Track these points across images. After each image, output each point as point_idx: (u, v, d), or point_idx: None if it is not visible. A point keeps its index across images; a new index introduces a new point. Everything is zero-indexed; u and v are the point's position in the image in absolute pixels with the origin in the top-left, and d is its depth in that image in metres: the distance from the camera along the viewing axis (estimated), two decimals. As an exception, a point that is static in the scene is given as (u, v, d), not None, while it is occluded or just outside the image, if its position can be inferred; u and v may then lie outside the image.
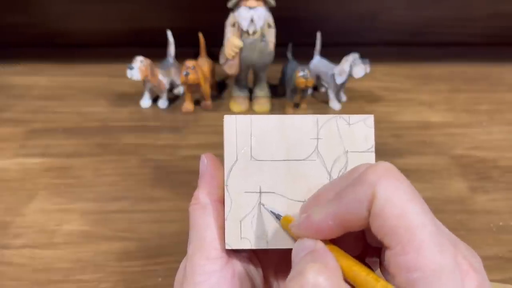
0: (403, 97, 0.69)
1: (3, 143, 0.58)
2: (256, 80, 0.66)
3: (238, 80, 0.65)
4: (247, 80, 0.66)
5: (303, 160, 0.27)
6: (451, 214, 0.49)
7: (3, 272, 0.42)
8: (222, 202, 0.27)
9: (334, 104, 0.66)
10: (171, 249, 0.45)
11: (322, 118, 0.27)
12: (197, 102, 0.66)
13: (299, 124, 0.27)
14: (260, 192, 0.27)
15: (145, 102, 0.65)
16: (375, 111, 0.66)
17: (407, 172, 0.55)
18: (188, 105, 0.64)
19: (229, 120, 0.27)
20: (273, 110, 0.65)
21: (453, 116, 0.65)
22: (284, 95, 0.67)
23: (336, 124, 0.28)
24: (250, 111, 0.65)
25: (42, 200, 0.50)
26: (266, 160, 0.27)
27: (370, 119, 0.28)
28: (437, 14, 0.81)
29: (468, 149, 0.59)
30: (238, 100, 0.65)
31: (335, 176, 0.28)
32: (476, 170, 0.55)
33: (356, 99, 0.69)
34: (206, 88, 0.64)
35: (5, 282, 0.41)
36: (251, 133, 0.27)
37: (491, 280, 0.44)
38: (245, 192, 0.27)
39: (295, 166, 0.27)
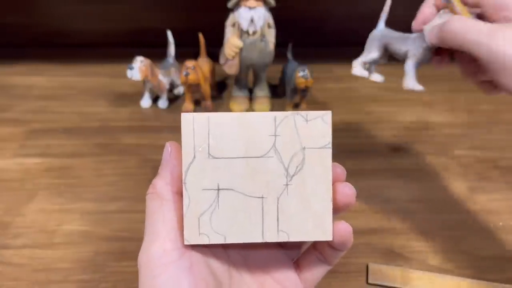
0: (403, 97, 0.69)
1: (3, 143, 0.58)
2: (256, 80, 0.66)
3: (238, 80, 0.65)
4: (247, 80, 0.66)
5: (261, 157, 0.28)
6: (451, 214, 0.49)
7: (3, 272, 0.42)
8: (180, 194, 0.27)
9: (412, 82, 0.45)
10: (171, 249, 0.45)
11: (279, 115, 0.28)
12: (197, 102, 0.66)
13: (257, 121, 0.27)
14: (218, 189, 0.27)
15: (145, 102, 0.66)
16: (375, 111, 0.66)
17: (407, 172, 0.55)
18: (188, 105, 0.64)
19: (186, 118, 0.27)
20: (273, 110, 0.65)
21: (453, 116, 0.65)
22: (284, 95, 0.67)
23: (293, 121, 0.28)
24: (250, 111, 0.65)
25: (42, 200, 0.50)
26: (224, 158, 0.27)
27: (327, 115, 0.28)
28: (437, 14, 0.81)
29: (468, 149, 0.59)
30: (238, 100, 0.65)
31: (292, 172, 0.28)
32: (476, 170, 0.55)
33: (356, 99, 0.69)
34: (206, 88, 0.64)
35: (5, 282, 0.41)
36: (208, 131, 0.27)
37: (491, 280, 0.44)
38: (203, 189, 0.27)
39: (253, 163, 0.28)
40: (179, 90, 0.68)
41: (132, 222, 0.47)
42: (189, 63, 0.61)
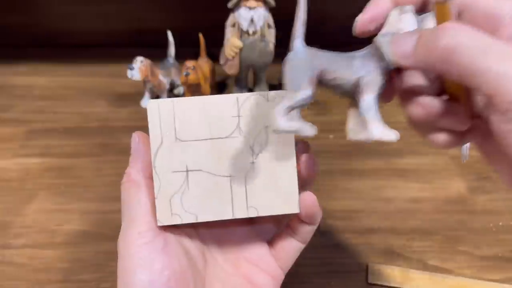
0: (403, 97, 0.69)
1: (3, 143, 0.58)
2: (256, 80, 0.66)
3: (238, 80, 0.65)
4: (247, 80, 0.66)
5: (226, 137, 0.29)
6: (451, 214, 0.49)
7: (3, 272, 0.42)
8: (152, 179, 0.29)
9: (379, 127, 0.27)
10: (171, 249, 0.45)
11: (241, 96, 0.29)
12: (197, 102, 0.66)
13: (220, 104, 0.29)
14: (187, 171, 0.28)
15: (146, 102, 0.65)
16: (375, 111, 0.66)
17: (407, 172, 0.55)
18: (188, 105, 0.64)
19: (152, 105, 0.28)
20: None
21: (453, 116, 0.65)
22: (284, 95, 0.67)
23: (255, 101, 0.29)
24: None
25: (42, 200, 0.50)
26: (190, 140, 0.28)
27: None
28: (437, 14, 0.81)
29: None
30: (238, 100, 0.65)
31: (257, 150, 0.29)
32: (476, 170, 0.55)
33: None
34: (206, 88, 0.64)
35: (5, 282, 0.41)
36: (174, 116, 0.28)
37: (491, 280, 0.44)
38: (173, 171, 0.28)
39: (219, 143, 0.29)
40: (179, 90, 0.68)
41: (132, 222, 0.47)
42: (189, 63, 0.61)
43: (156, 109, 0.28)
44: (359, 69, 0.26)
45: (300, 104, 0.25)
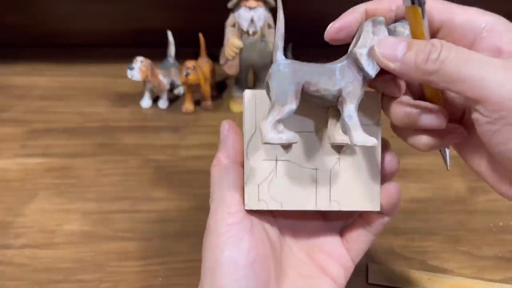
0: (403, 97, 0.69)
1: (3, 143, 0.58)
2: (256, 80, 0.66)
3: (238, 80, 0.65)
4: (247, 80, 0.66)
5: (316, 131, 0.29)
6: (451, 214, 0.49)
7: (3, 272, 0.42)
8: (241, 164, 0.30)
9: (362, 134, 0.27)
10: (172, 249, 0.45)
11: None
12: (197, 102, 0.66)
13: None
14: (276, 160, 0.29)
15: (146, 102, 0.66)
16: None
17: (407, 172, 0.55)
18: (188, 105, 0.64)
19: (248, 95, 0.29)
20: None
21: (453, 116, 0.65)
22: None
23: None
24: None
25: (42, 200, 0.50)
26: None
27: (378, 95, 0.29)
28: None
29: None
30: (238, 100, 0.65)
31: (344, 147, 0.30)
32: (476, 170, 0.55)
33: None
34: (206, 88, 0.64)
35: (5, 282, 0.41)
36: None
37: (491, 280, 0.44)
38: (263, 160, 0.29)
39: (309, 137, 0.29)
40: (179, 90, 0.68)
41: (132, 222, 0.47)
42: (189, 63, 0.61)
43: (253, 99, 0.29)
44: (339, 80, 0.27)
45: (286, 117, 0.26)
